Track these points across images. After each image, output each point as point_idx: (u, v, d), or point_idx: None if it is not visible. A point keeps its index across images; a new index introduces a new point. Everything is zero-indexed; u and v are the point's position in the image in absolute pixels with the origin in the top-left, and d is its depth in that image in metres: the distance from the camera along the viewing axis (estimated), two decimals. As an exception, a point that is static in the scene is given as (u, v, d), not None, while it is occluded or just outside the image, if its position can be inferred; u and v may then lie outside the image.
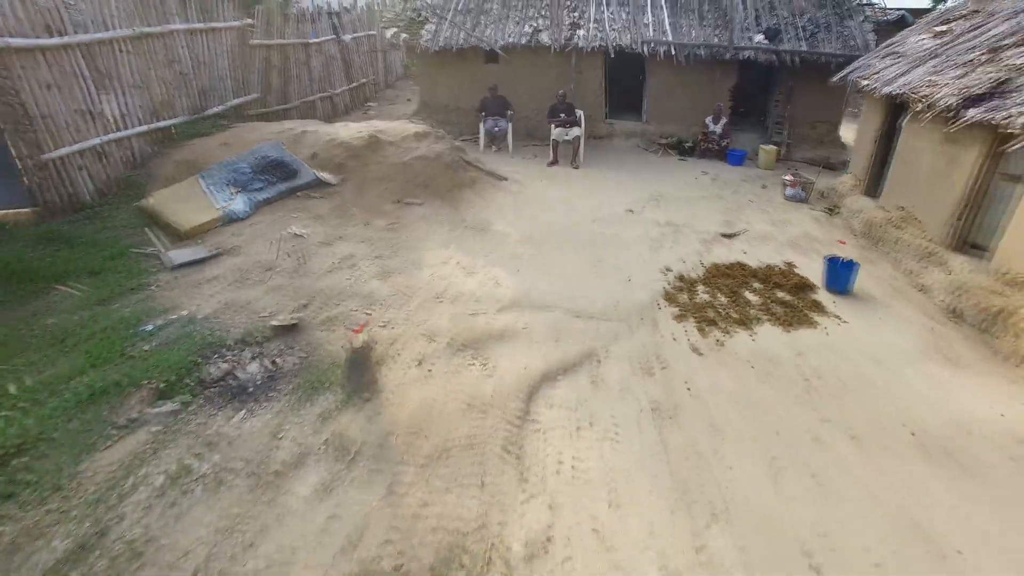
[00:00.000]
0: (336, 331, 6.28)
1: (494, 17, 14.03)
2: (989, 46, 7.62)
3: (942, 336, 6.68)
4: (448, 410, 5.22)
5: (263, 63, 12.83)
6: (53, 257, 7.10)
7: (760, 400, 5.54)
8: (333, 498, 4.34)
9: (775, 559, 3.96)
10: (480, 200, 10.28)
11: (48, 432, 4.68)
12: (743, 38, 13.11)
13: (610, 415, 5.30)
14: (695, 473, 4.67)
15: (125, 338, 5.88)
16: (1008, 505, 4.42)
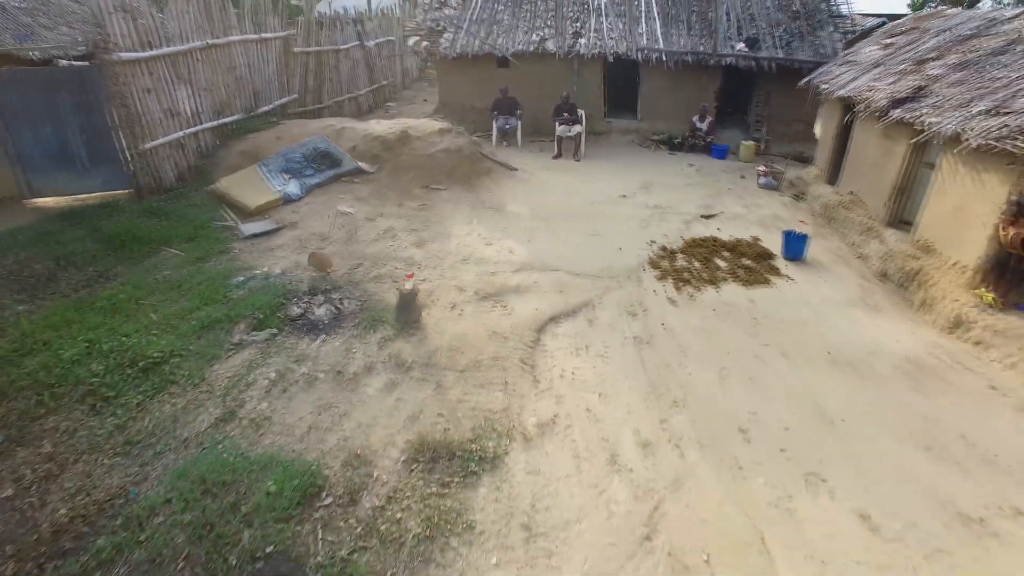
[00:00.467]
0: (384, 284, 7.86)
1: (505, 27, 15.59)
2: (916, 59, 9.16)
3: (869, 291, 8.23)
4: (478, 337, 6.79)
5: (302, 68, 14.43)
6: (156, 227, 8.72)
7: (717, 332, 7.10)
8: (397, 392, 5.93)
9: (715, 430, 5.53)
10: (495, 186, 11.86)
11: (184, 346, 6.28)
12: (726, 46, 14.63)
13: (601, 342, 6.87)
14: (663, 377, 6.25)
15: (224, 286, 7.49)
16: (884, 395, 5.99)
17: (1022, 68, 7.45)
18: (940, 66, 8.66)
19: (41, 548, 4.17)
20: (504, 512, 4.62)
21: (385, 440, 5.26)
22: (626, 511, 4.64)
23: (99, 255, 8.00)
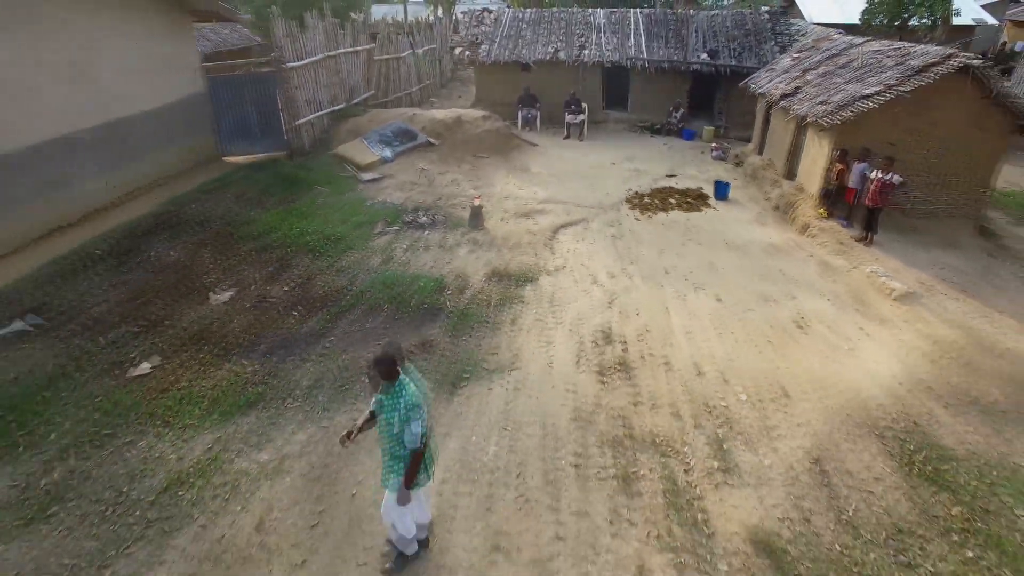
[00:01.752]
0: (457, 208, 12.32)
1: (527, 41, 19.92)
2: (804, 68, 13.50)
3: (764, 215, 12.62)
4: (518, 233, 11.25)
5: (378, 71, 18.91)
6: (307, 174, 13.26)
7: (661, 234, 11.53)
8: (476, 254, 10.39)
9: (650, 271, 9.95)
10: (522, 156, 16.30)
11: (350, 232, 10.79)
12: (694, 56, 18.87)
13: (591, 237, 11.31)
14: (625, 252, 10.69)
15: (360, 206, 12.01)
16: (750, 258, 10.42)
17: (846, 77, 11.81)
18: (814, 74, 12.98)
19: (316, 304, 8.68)
20: (537, 296, 9.08)
21: (473, 271, 9.74)
22: (599, 297, 9.09)
23: (280, 188, 12.55)
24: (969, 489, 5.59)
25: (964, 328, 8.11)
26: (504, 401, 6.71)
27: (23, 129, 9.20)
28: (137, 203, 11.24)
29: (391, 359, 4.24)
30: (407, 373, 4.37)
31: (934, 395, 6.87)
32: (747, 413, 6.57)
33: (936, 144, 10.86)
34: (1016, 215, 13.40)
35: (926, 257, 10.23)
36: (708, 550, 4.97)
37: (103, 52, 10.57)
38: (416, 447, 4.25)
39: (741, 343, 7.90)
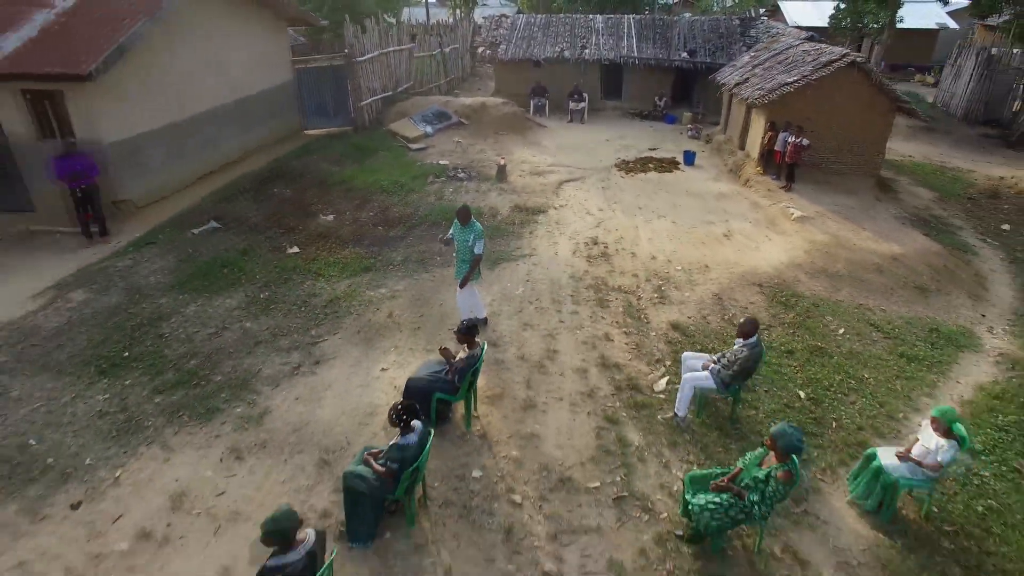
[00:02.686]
0: (486, 168, 16.00)
1: (538, 42, 23.53)
2: (754, 63, 17.11)
3: (720, 175, 16.23)
4: (533, 185, 14.94)
5: (416, 66, 22.60)
6: (370, 143, 16.97)
7: (640, 186, 15.18)
8: (503, 197, 14.06)
9: (628, 208, 13.59)
10: (534, 134, 19.95)
11: (408, 183, 14.49)
12: (677, 54, 22.44)
13: (587, 188, 14.98)
14: (611, 197, 14.34)
15: (413, 165, 15.73)
16: (702, 201, 14.07)
17: (779, 70, 15.45)
18: (761, 68, 16.59)
19: (393, 223, 12.40)
20: (547, 220, 12.74)
21: (502, 206, 13.41)
22: (589, 221, 12.76)
23: (352, 153, 16.25)
24: (802, 309, 9.25)
25: (833, 236, 11.73)
26: (526, 270, 10.39)
27: (190, 105, 12.93)
28: (254, 159, 14.98)
29: (468, 210, 7.96)
30: (475, 221, 8.10)
31: (801, 269, 10.51)
32: (680, 276, 10.23)
33: (840, 119, 14.44)
34: (919, 179, 16.99)
35: (827, 199, 13.83)
36: (645, 330, 8.64)
37: (232, 52, 14.27)
38: (479, 253, 7.94)
39: (683, 244, 11.55)
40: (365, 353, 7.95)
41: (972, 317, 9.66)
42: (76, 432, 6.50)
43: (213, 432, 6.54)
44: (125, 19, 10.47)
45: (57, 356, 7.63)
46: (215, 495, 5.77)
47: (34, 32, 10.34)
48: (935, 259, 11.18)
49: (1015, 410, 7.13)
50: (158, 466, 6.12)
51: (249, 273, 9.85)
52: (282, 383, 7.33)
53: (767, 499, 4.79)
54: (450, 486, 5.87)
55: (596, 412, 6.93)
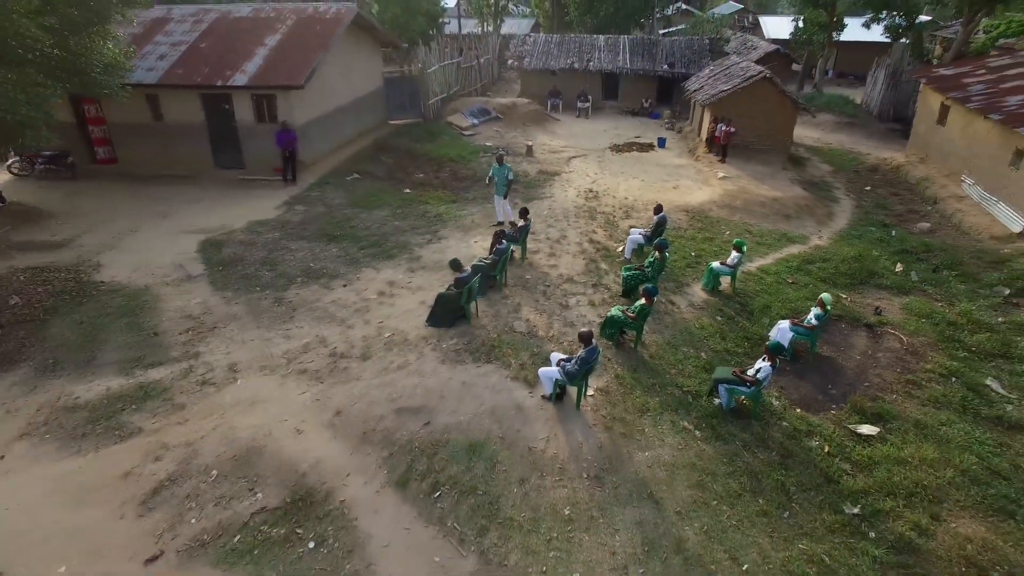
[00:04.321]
0: (517, 148, 22.36)
1: (554, 56, 29.73)
2: (709, 76, 23.28)
3: (681, 154, 22.42)
4: (551, 159, 21.28)
5: (462, 74, 28.95)
6: (436, 129, 23.37)
7: (624, 160, 21.45)
8: (531, 165, 20.40)
9: (614, 173, 19.87)
10: (551, 125, 26.25)
11: (467, 155, 20.89)
12: (660, 66, 28.57)
13: (588, 161, 21.28)
14: (604, 167, 20.64)
15: (467, 145, 22.13)
16: (663, 169, 20.35)
17: (722, 80, 21.59)
18: (712, 79, 22.73)
19: (462, 179, 18.82)
20: (560, 179, 19.07)
21: (531, 169, 19.76)
22: (588, 180, 19.06)
23: (426, 135, 22.63)
24: (710, 222, 15.56)
25: (741, 188, 17.95)
26: (548, 204, 16.72)
27: (332, 102, 19.34)
28: (363, 139, 21.40)
29: (502, 156, 14.43)
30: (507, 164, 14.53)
31: (715, 204, 16.76)
32: (639, 206, 16.55)
33: (759, 114, 20.61)
34: (826, 159, 23.11)
35: (748, 168, 20.02)
36: (614, 228, 15.00)
37: (353, 67, 20.67)
38: (511, 179, 14.32)
39: (646, 191, 17.83)
40: (463, 235, 14.39)
41: (811, 231, 15.91)
42: (328, 261, 12.98)
43: (396, 263, 12.99)
44: (313, 51, 16.92)
45: (304, 233, 14.13)
46: (407, 282, 12.23)
47: (261, 61, 16.79)
48: (802, 201, 17.42)
49: (800, 263, 13.42)
50: (375, 274, 12.57)
51: (387, 200, 16.32)
52: (424, 246, 13.76)
53: (654, 268, 11.17)
54: (516, 278, 12.30)
55: (586, 257, 13.33)
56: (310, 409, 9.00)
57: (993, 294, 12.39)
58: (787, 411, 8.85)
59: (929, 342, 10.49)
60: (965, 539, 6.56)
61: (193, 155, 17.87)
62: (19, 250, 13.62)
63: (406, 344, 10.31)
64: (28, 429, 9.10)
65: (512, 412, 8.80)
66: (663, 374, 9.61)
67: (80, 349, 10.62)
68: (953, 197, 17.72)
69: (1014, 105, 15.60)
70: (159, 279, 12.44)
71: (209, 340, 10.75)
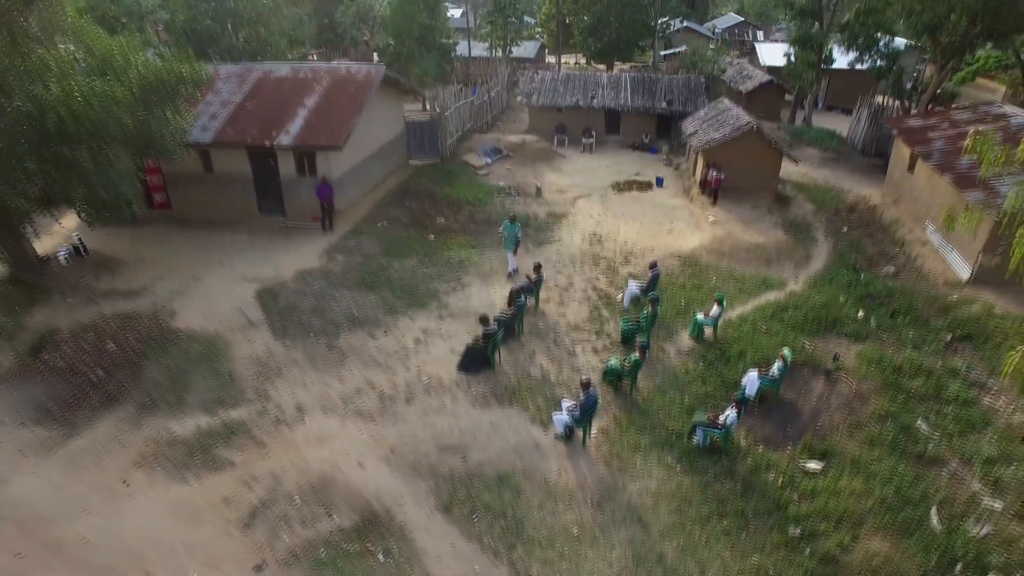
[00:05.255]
0: (527, 189, 24.54)
1: (560, 93, 31.87)
2: (703, 119, 25.40)
3: (677, 194, 24.54)
4: (558, 199, 23.44)
5: (476, 110, 31.13)
6: (453, 170, 25.56)
7: (625, 200, 23.59)
8: (540, 207, 22.56)
9: (616, 215, 22.02)
10: (558, 162, 28.39)
11: (483, 197, 23.08)
12: (659, 103, 30.69)
13: (592, 201, 23.44)
14: (606, 207, 22.79)
15: (484, 186, 24.32)
16: (660, 209, 22.51)
17: (715, 127, 23.72)
18: (706, 123, 24.85)
19: (480, 223, 21.01)
20: (567, 222, 21.22)
21: (540, 212, 21.91)
22: (592, 223, 21.22)
23: (444, 176, 24.81)
24: (699, 269, 17.70)
25: (728, 232, 20.05)
26: (556, 249, 18.87)
27: (361, 152, 21.53)
28: (388, 182, 23.60)
29: (515, 216, 16.62)
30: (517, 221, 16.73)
31: (704, 249, 18.88)
32: (638, 252, 18.69)
33: (748, 159, 22.70)
34: (810, 196, 25.18)
35: (735, 210, 22.12)
36: (614, 275, 17.16)
37: (379, 117, 22.84)
38: (518, 236, 16.49)
39: (644, 236, 19.97)
40: (483, 283, 16.57)
41: (789, 275, 18.02)
42: (369, 309, 15.16)
43: (428, 311, 15.18)
44: (349, 113, 19.13)
45: (346, 282, 16.33)
46: (438, 329, 14.41)
47: (302, 122, 19.00)
48: (783, 245, 19.54)
49: (775, 310, 15.54)
50: (410, 322, 14.75)
51: (415, 248, 18.50)
52: (450, 294, 15.94)
53: (648, 321, 13.32)
54: (531, 325, 14.47)
55: (590, 304, 15.49)
56: (368, 445, 11.19)
57: (937, 339, 14.49)
58: (752, 448, 11.00)
59: (875, 387, 12.60)
60: (874, 554, 8.70)
61: (239, 203, 20.09)
62: (104, 298, 15.85)
63: (442, 388, 12.50)
64: (141, 460, 11.31)
65: (531, 449, 10.97)
66: (652, 416, 11.77)
67: (171, 391, 12.83)
68: (918, 241, 19.81)
69: (964, 167, 17.68)
70: (227, 326, 14.66)
71: (276, 383, 12.95)
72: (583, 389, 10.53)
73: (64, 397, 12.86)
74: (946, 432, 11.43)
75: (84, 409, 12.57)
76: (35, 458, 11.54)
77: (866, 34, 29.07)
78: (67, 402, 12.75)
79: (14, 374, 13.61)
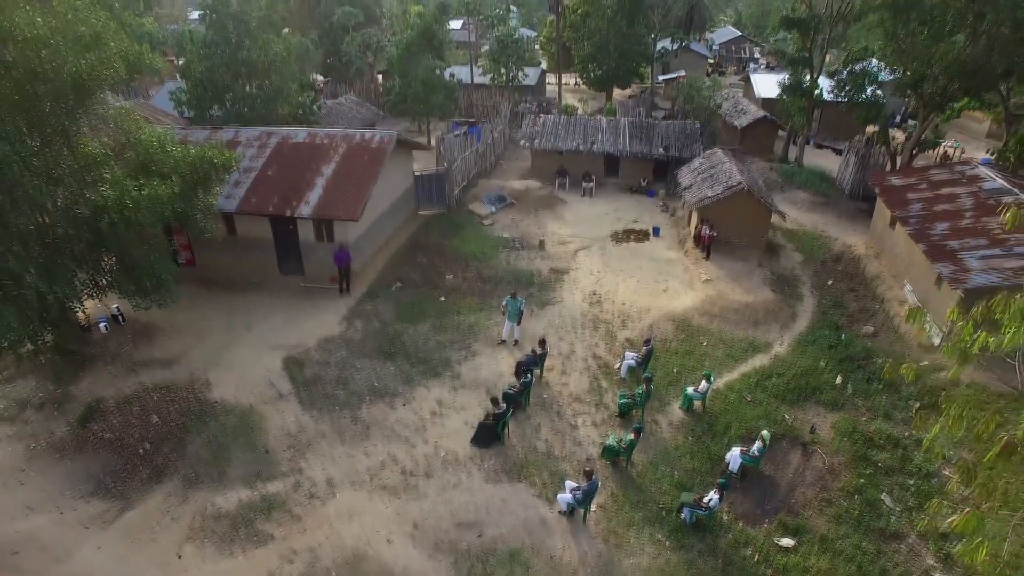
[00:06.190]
0: (531, 240, 26.12)
1: (561, 137, 33.50)
2: (696, 172, 27.01)
3: (672, 245, 26.13)
4: (560, 252, 25.03)
5: (480, 156, 32.73)
6: (459, 220, 27.16)
7: (622, 253, 25.18)
8: (544, 261, 24.18)
9: (615, 270, 23.61)
10: (559, 208, 29.99)
11: (488, 251, 24.68)
12: (656, 148, 32.32)
13: (592, 254, 25.02)
14: (605, 261, 24.37)
15: (489, 238, 25.91)
16: (656, 264, 24.12)
17: (708, 184, 25.32)
18: (699, 177, 26.45)
19: (487, 280, 22.58)
20: (568, 278, 22.79)
21: (544, 268, 23.51)
22: (592, 280, 22.81)
23: (451, 227, 26.40)
24: (692, 332, 19.28)
25: (719, 293, 21.65)
26: (558, 311, 20.46)
27: (375, 211, 23.09)
28: (399, 236, 25.20)
29: (515, 293, 18.20)
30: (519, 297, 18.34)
31: (697, 311, 20.47)
32: (634, 314, 20.27)
33: (739, 216, 24.31)
34: (799, 246, 26.77)
35: (728, 264, 23.71)
36: (613, 342, 18.72)
37: (391, 176, 24.44)
38: (520, 312, 18.06)
39: (640, 296, 21.56)
40: (492, 351, 18.15)
41: (775, 336, 19.59)
42: (388, 380, 16.74)
43: (442, 381, 16.75)
44: (364, 183, 20.73)
45: (365, 350, 17.91)
46: (452, 401, 15.99)
47: (320, 191, 20.60)
48: (770, 305, 21.12)
49: (760, 378, 17.11)
50: (426, 392, 16.34)
51: (427, 311, 20.08)
52: (462, 363, 17.51)
53: (642, 397, 14.90)
54: (536, 396, 16.04)
55: (590, 374, 17.07)
56: (394, 520, 12.75)
57: (907, 407, 16.07)
58: (732, 524, 12.57)
59: (846, 460, 14.18)
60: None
61: (261, 263, 21.68)
62: (143, 367, 17.43)
63: (457, 463, 14.06)
64: (190, 534, 12.88)
65: (538, 525, 12.54)
66: (646, 491, 13.34)
67: (213, 464, 14.40)
68: (896, 300, 21.41)
69: (937, 236, 19.28)
70: (258, 398, 16.23)
71: (307, 456, 14.51)
72: (586, 477, 12.08)
73: (116, 470, 14.43)
74: (907, 506, 12.99)
75: (135, 482, 14.14)
76: (95, 530, 13.13)
77: (853, 82, 30.66)
78: (119, 475, 14.32)
79: (68, 445, 15.18)
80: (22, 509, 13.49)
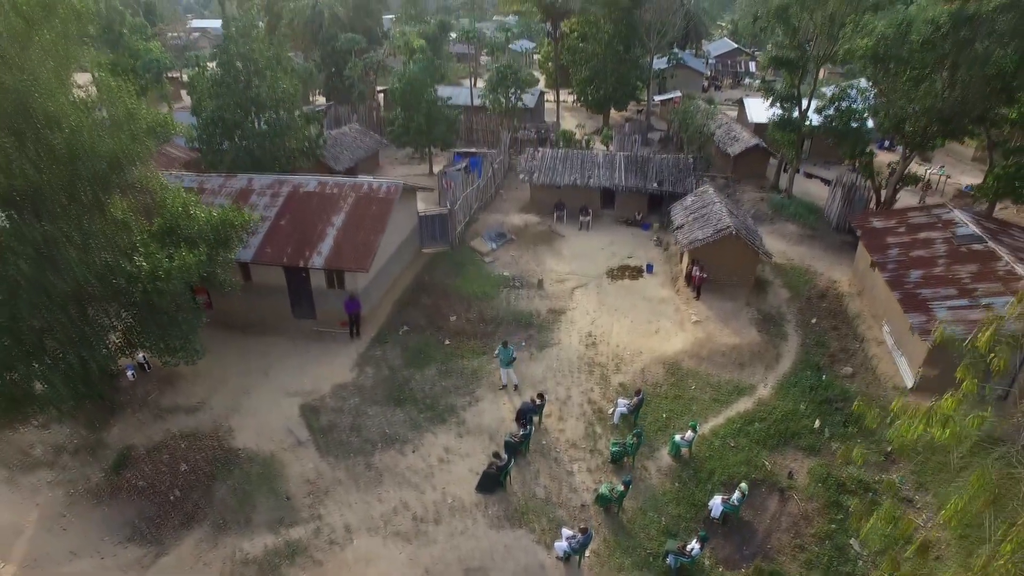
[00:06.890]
0: (530, 278, 27.58)
1: (559, 172, 34.98)
2: (689, 210, 28.51)
3: (665, 283, 27.60)
4: (558, 291, 26.47)
5: (481, 192, 34.22)
6: (461, 258, 28.61)
7: (617, 291, 26.63)
8: (542, 301, 25.64)
9: (610, 309, 25.08)
10: (557, 243, 31.44)
11: (490, 291, 26.13)
12: (650, 183, 33.83)
13: (588, 292, 26.48)
14: (601, 300, 25.84)
15: (490, 276, 27.36)
16: (650, 303, 25.56)
17: (699, 224, 26.80)
18: (691, 216, 27.94)
19: (488, 322, 24.06)
20: (566, 319, 24.24)
21: (542, 308, 24.97)
22: (588, 321, 24.29)
23: (454, 266, 27.87)
24: (681, 375, 20.73)
25: (708, 334, 23.12)
26: (556, 354, 21.90)
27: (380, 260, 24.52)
28: (404, 276, 26.67)
29: (507, 342, 19.67)
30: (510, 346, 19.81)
31: (686, 354, 21.92)
32: (628, 357, 21.72)
33: (727, 257, 25.78)
34: (786, 282, 28.22)
35: (717, 304, 25.16)
36: (607, 386, 20.17)
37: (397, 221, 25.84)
38: (512, 359, 19.50)
39: (634, 336, 23.01)
40: (494, 396, 19.60)
41: (759, 378, 21.02)
42: (398, 426, 18.18)
43: (448, 427, 18.19)
44: (373, 234, 22.20)
45: (376, 397, 19.36)
46: (458, 448, 17.42)
47: (331, 242, 22.08)
48: (756, 347, 22.57)
49: (743, 423, 18.55)
50: (434, 438, 17.78)
51: (433, 356, 21.52)
52: (466, 409, 18.96)
53: (633, 447, 16.35)
54: (535, 442, 17.49)
55: (585, 419, 18.52)
56: (408, 566, 14.18)
57: (879, 450, 17.51)
58: (713, 569, 14.01)
59: (819, 507, 15.62)
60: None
61: (275, 308, 23.14)
62: (169, 414, 18.86)
63: (464, 510, 15.49)
64: (222, 579, 14.27)
65: (538, 570, 13.97)
66: (635, 537, 14.78)
67: (239, 511, 15.82)
68: (875, 340, 22.88)
69: (911, 283, 20.76)
70: (278, 444, 17.66)
71: (326, 502, 15.94)
72: (582, 533, 13.51)
73: (150, 516, 15.86)
74: (873, 551, 14.43)
75: (168, 528, 15.57)
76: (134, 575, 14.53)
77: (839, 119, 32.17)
78: (153, 521, 15.74)
79: (104, 491, 16.61)
80: (67, 555, 14.91)
